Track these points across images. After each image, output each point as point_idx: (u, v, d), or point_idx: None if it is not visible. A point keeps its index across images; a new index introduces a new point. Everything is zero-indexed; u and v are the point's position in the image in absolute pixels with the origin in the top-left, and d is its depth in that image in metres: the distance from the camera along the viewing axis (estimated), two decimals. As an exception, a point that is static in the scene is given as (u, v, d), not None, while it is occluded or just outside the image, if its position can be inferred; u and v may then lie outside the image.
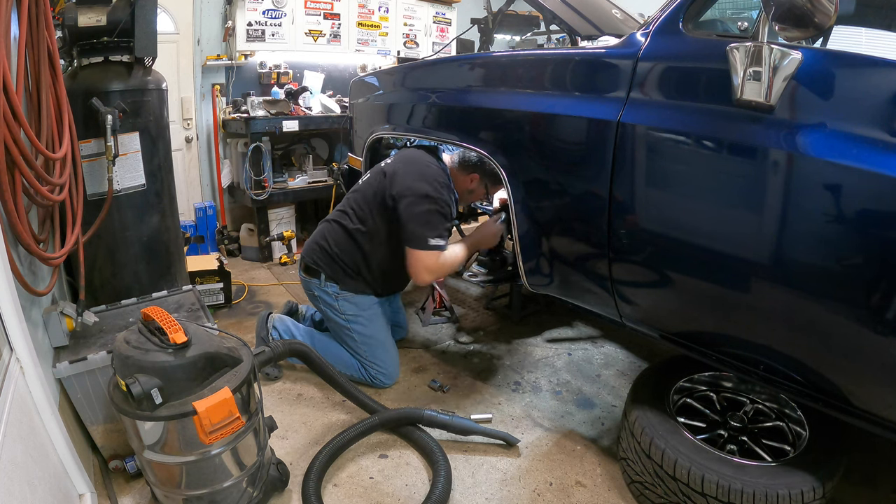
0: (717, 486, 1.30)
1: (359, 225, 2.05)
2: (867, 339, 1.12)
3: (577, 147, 1.58)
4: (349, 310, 2.08)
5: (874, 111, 1.06)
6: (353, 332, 2.08)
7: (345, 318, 2.08)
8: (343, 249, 2.07)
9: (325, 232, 2.13)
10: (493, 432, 1.81)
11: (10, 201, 1.22)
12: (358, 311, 2.08)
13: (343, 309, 2.08)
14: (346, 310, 2.08)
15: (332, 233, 2.10)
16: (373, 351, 2.09)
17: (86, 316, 1.65)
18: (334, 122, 3.88)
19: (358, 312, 2.08)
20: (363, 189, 2.10)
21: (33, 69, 1.45)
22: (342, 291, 2.07)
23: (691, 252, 1.37)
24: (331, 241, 2.09)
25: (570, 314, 2.79)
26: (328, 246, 2.08)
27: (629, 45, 1.44)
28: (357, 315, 2.08)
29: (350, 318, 2.08)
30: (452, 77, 2.08)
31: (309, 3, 3.94)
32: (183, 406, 1.24)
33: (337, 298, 2.07)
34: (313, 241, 2.15)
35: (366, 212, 2.04)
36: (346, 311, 2.08)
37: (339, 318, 2.09)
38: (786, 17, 1.04)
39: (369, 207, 2.04)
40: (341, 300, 2.08)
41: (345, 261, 2.06)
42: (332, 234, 2.10)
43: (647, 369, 1.81)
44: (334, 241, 2.08)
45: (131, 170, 2.04)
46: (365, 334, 2.08)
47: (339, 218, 2.11)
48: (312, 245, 2.14)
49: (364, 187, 2.11)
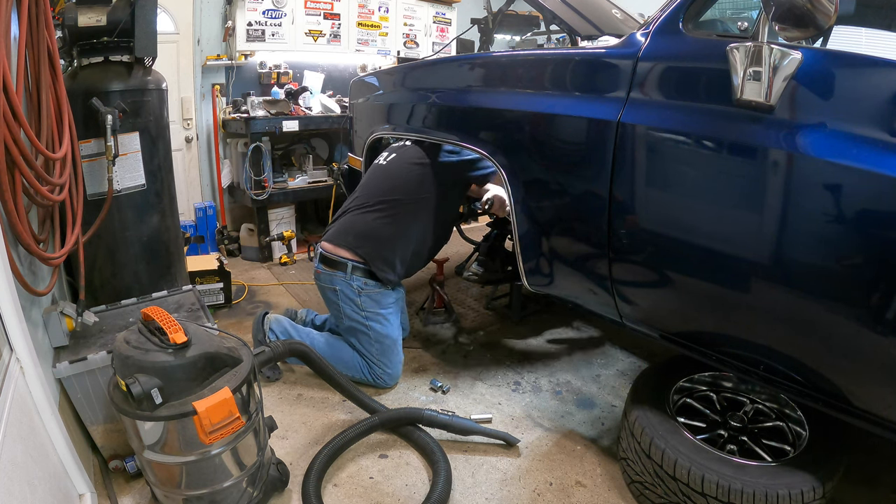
0: (717, 486, 1.30)
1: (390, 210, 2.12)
2: (867, 339, 1.12)
3: (578, 147, 1.58)
4: (370, 307, 2.09)
5: (874, 111, 1.06)
6: (370, 329, 2.09)
7: (364, 314, 2.10)
8: (377, 228, 2.12)
9: (354, 221, 2.17)
10: (493, 432, 1.81)
11: (10, 201, 1.22)
12: (378, 308, 2.10)
13: (364, 305, 2.09)
14: (367, 306, 2.09)
15: (362, 221, 2.15)
16: (384, 350, 2.10)
17: (86, 316, 1.65)
18: (334, 122, 3.88)
19: (378, 310, 2.10)
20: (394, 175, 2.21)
21: (33, 69, 1.45)
22: (366, 287, 2.09)
23: (691, 252, 1.37)
24: (362, 225, 2.13)
25: (570, 314, 2.79)
26: (362, 228, 2.13)
27: (629, 45, 1.44)
28: (377, 313, 2.10)
29: (369, 315, 2.10)
30: (452, 77, 2.08)
31: (309, 3, 3.94)
32: (183, 406, 1.24)
33: (360, 293, 2.09)
34: (341, 230, 2.16)
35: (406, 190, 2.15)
36: (366, 308, 2.09)
37: (358, 314, 2.10)
38: (786, 17, 1.04)
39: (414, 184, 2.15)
40: (364, 295, 2.09)
41: (381, 238, 2.11)
42: (363, 221, 2.14)
43: (647, 369, 1.82)
44: (367, 224, 2.13)
45: (131, 170, 2.04)
46: (382, 333, 2.10)
47: (364, 208, 2.17)
48: (341, 233, 2.15)
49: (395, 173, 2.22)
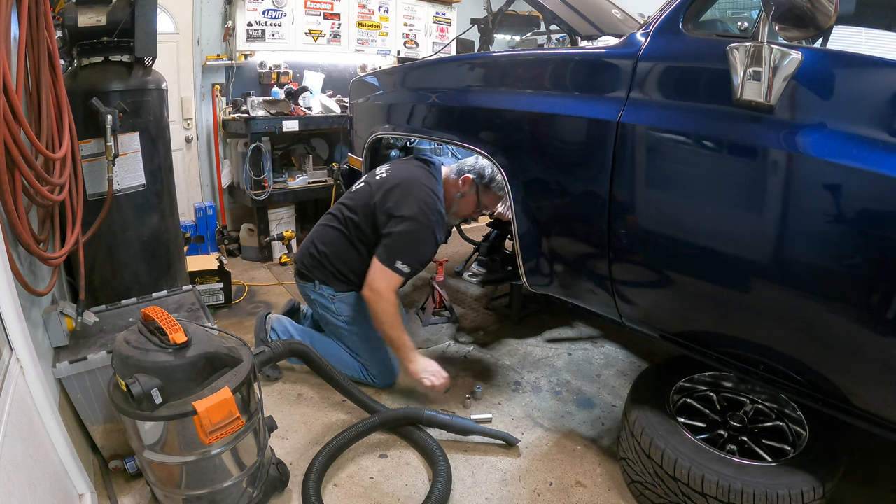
0: (717, 486, 1.30)
1: (348, 230, 2.08)
2: (867, 339, 1.12)
3: (578, 147, 1.58)
4: (346, 311, 2.09)
5: (874, 111, 1.06)
6: (352, 332, 2.09)
7: (342, 319, 2.09)
8: (334, 252, 2.09)
9: (316, 236, 2.16)
10: (493, 432, 1.81)
11: (10, 201, 1.22)
12: (354, 311, 2.09)
13: (340, 311, 2.09)
14: (342, 311, 2.09)
15: (322, 237, 2.14)
16: (373, 351, 2.09)
17: (86, 316, 1.65)
18: (334, 122, 3.88)
19: (355, 313, 2.09)
20: (356, 196, 2.13)
21: (33, 69, 1.45)
22: (336, 293, 2.09)
23: (691, 252, 1.37)
24: (320, 246, 2.12)
25: (570, 314, 2.79)
26: (318, 250, 2.12)
27: (629, 45, 1.44)
28: (354, 316, 2.09)
29: (348, 319, 2.09)
30: (452, 77, 2.08)
31: (309, 3, 3.94)
32: (183, 406, 1.24)
33: (333, 301, 2.09)
34: (304, 246, 2.19)
35: (359, 217, 2.06)
36: (343, 313, 2.09)
37: (336, 320, 2.10)
38: (786, 17, 1.04)
39: (363, 214, 2.06)
40: (337, 302, 2.09)
41: (335, 264, 2.08)
42: (322, 238, 2.14)
43: (647, 369, 1.82)
44: (324, 244, 2.11)
45: (131, 170, 2.04)
46: (364, 335, 2.08)
47: (329, 222, 2.15)
48: (304, 251, 2.18)
49: (357, 195, 2.13)
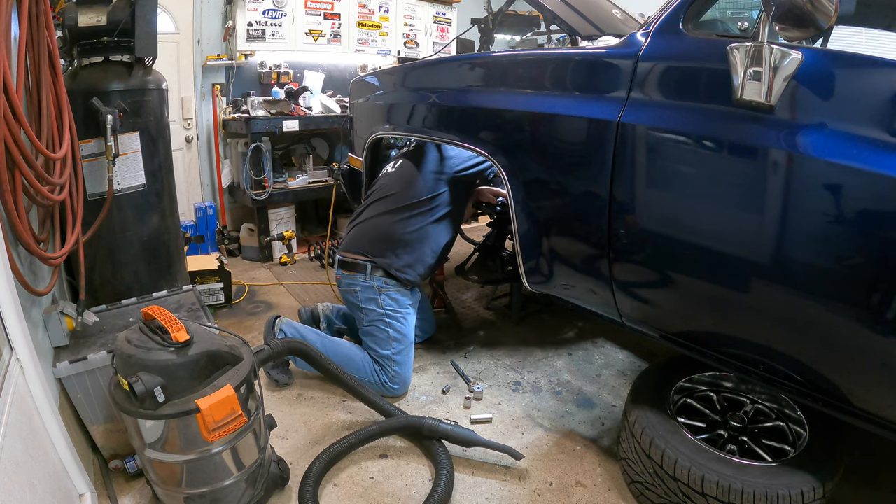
0: (717, 487, 1.30)
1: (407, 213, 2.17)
2: (867, 339, 1.12)
3: (578, 147, 1.58)
4: (390, 305, 2.14)
5: (874, 111, 1.06)
6: (390, 326, 2.12)
7: (385, 312, 2.14)
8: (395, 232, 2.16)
9: (366, 229, 2.22)
10: (497, 445, 1.72)
11: (10, 201, 1.22)
12: (398, 307, 2.14)
13: (384, 304, 2.14)
14: (387, 305, 2.14)
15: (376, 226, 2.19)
16: (400, 350, 2.12)
17: (86, 316, 1.65)
18: (334, 122, 3.88)
19: (398, 309, 2.14)
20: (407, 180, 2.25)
21: (33, 69, 1.45)
22: (386, 286, 2.14)
23: (692, 252, 1.37)
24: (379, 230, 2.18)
25: (570, 314, 2.79)
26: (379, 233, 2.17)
27: (629, 45, 1.44)
28: (397, 311, 2.14)
29: (390, 314, 2.14)
30: (453, 77, 2.08)
31: (309, 3, 3.93)
32: (186, 404, 1.25)
33: (380, 292, 2.14)
34: (357, 237, 2.21)
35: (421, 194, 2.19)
36: (387, 307, 2.14)
37: (378, 312, 2.14)
38: (786, 17, 1.04)
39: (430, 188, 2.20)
40: (384, 294, 2.14)
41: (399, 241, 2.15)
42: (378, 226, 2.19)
43: (647, 369, 1.82)
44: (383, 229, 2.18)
45: (131, 170, 2.04)
46: (401, 332, 2.12)
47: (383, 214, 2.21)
48: (357, 240, 2.21)
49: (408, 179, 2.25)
